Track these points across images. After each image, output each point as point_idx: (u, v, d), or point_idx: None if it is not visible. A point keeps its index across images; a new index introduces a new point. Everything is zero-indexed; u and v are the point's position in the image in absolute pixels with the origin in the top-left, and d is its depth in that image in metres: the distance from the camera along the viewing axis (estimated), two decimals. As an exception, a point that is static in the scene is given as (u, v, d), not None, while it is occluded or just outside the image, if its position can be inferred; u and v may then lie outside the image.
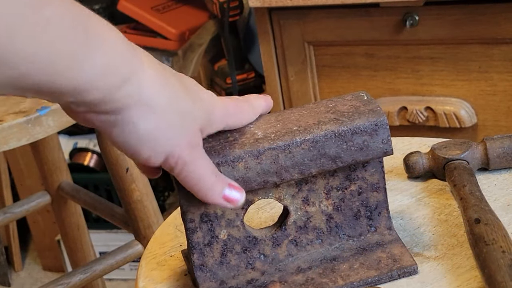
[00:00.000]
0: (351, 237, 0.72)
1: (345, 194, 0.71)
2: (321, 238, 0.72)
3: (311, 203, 0.71)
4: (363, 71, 1.62)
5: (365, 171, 0.71)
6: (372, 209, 0.72)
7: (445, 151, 0.81)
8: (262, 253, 0.71)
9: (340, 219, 0.72)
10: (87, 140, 2.33)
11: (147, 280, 0.74)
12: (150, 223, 1.45)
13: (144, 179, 1.44)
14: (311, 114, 0.69)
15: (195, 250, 0.69)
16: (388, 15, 1.53)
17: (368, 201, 0.72)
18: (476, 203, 0.72)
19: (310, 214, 0.71)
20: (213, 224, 0.69)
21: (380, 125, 0.68)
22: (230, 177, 0.65)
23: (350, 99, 0.71)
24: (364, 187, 0.71)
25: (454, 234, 0.74)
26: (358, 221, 0.72)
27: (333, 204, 0.71)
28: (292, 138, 0.67)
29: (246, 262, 0.70)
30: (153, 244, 0.79)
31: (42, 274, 2.43)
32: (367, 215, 0.72)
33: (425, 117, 1.57)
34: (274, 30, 1.63)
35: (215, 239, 0.69)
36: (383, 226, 0.72)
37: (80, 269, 1.44)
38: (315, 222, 0.71)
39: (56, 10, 0.52)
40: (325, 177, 0.70)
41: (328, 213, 0.71)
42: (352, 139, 0.67)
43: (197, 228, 0.68)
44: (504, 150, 0.80)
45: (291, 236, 0.71)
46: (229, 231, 0.69)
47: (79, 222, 1.74)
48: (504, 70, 1.50)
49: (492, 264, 0.64)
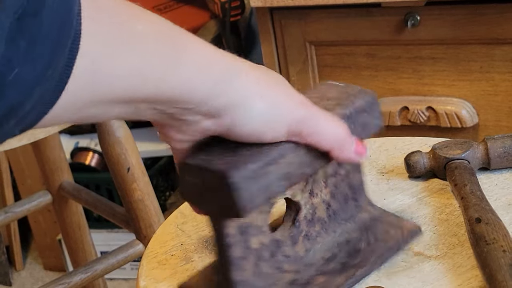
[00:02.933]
0: (345, 221, 0.73)
1: (337, 180, 0.72)
2: (325, 228, 0.72)
3: (315, 195, 0.71)
4: (365, 71, 1.62)
5: None
6: (356, 190, 0.74)
7: (446, 150, 0.81)
8: (285, 255, 0.69)
9: (336, 205, 0.73)
10: (88, 139, 2.33)
11: (148, 279, 0.74)
12: (151, 222, 1.46)
13: (145, 179, 1.44)
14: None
15: (234, 266, 0.65)
16: (389, 15, 1.53)
17: (352, 182, 0.73)
18: (477, 202, 0.72)
19: (315, 206, 0.71)
20: (247, 235, 0.66)
21: (374, 102, 0.69)
22: (277, 175, 0.63)
23: (329, 87, 0.71)
24: (350, 169, 0.73)
25: (455, 233, 0.74)
26: (347, 204, 0.73)
27: (330, 192, 0.72)
28: None
29: (275, 267, 0.68)
30: (154, 243, 0.79)
31: (43, 274, 2.43)
32: (353, 196, 0.73)
33: (426, 117, 1.57)
34: (275, 30, 1.63)
35: (248, 250, 0.66)
36: (366, 203, 0.74)
37: (81, 268, 1.44)
38: (319, 213, 0.72)
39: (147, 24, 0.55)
40: (323, 166, 0.69)
41: (327, 201, 0.72)
42: (357, 119, 0.68)
43: (234, 242, 0.65)
44: (505, 150, 0.80)
45: (304, 231, 0.71)
46: (259, 239, 0.67)
47: (80, 222, 1.74)
48: (506, 70, 1.50)
49: (492, 263, 0.64)
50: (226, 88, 0.58)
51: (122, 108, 0.55)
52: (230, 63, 0.60)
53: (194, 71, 0.57)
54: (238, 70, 0.60)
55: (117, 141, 1.39)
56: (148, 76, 0.54)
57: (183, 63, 0.56)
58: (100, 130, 1.39)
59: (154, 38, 0.55)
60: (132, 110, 0.56)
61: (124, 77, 0.53)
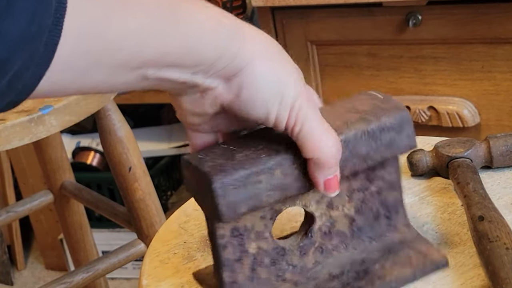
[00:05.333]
0: (372, 239, 0.70)
1: (365, 195, 0.69)
2: (345, 243, 0.70)
3: (334, 207, 0.69)
4: (366, 70, 1.62)
5: (384, 170, 0.69)
6: (390, 208, 0.70)
7: (448, 149, 0.81)
8: (291, 264, 0.68)
9: (362, 221, 0.70)
10: (89, 139, 2.33)
11: (150, 278, 0.74)
12: (152, 222, 1.46)
13: (146, 178, 1.44)
14: (336, 115, 0.67)
15: (226, 267, 0.66)
16: (391, 14, 1.53)
17: (386, 200, 0.70)
18: (479, 200, 0.72)
19: (334, 219, 0.69)
20: (243, 238, 0.66)
21: (405, 120, 0.66)
22: (268, 185, 0.63)
23: (365, 98, 0.69)
24: (383, 186, 0.70)
25: (457, 232, 0.74)
26: (378, 221, 0.70)
27: (355, 206, 0.69)
28: None
29: (276, 275, 0.68)
30: (157, 242, 0.79)
31: (45, 273, 2.43)
32: (386, 215, 0.70)
33: (428, 116, 1.57)
34: (277, 29, 1.63)
35: (244, 253, 0.66)
36: (401, 224, 0.71)
37: (82, 268, 1.44)
38: (339, 227, 0.69)
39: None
40: (348, 179, 0.68)
41: (351, 216, 0.69)
42: (381, 136, 0.66)
43: (228, 243, 0.65)
44: (507, 148, 0.80)
45: (317, 243, 0.69)
46: (258, 244, 0.67)
47: (82, 221, 1.74)
48: (507, 70, 1.50)
49: (496, 261, 0.64)
50: (236, 49, 0.58)
51: (127, 75, 0.54)
52: (237, 25, 0.59)
53: (201, 31, 0.56)
54: (246, 33, 0.60)
55: (118, 140, 1.39)
56: (151, 35, 0.53)
57: (189, 22, 0.56)
58: (101, 129, 1.39)
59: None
60: (138, 78, 0.55)
61: (124, 37, 0.52)
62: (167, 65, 0.56)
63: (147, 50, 0.54)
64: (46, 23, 0.47)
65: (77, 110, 1.20)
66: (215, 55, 0.57)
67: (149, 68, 0.55)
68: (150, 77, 0.56)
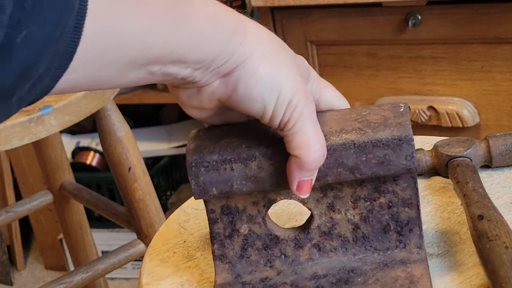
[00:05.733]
0: (377, 250, 0.69)
1: (373, 206, 0.68)
2: (346, 247, 0.69)
3: (336, 210, 0.68)
4: (366, 70, 1.62)
5: (396, 185, 0.67)
6: (403, 225, 0.69)
7: (448, 148, 0.81)
8: (283, 253, 0.69)
9: (368, 230, 0.69)
10: (89, 139, 2.34)
11: (151, 277, 0.74)
12: (152, 222, 1.46)
13: (146, 178, 1.44)
14: (340, 120, 0.67)
15: (216, 240, 0.69)
16: (390, 14, 1.53)
17: (398, 215, 0.68)
18: (479, 199, 0.72)
19: (335, 221, 0.69)
20: (234, 218, 0.68)
21: (404, 140, 0.64)
22: (243, 175, 0.65)
23: (385, 109, 0.68)
24: (395, 201, 0.68)
25: (457, 231, 0.74)
26: (387, 234, 0.69)
27: (360, 214, 0.68)
28: None
29: (266, 260, 0.69)
30: (157, 240, 0.79)
31: (44, 273, 2.43)
32: (397, 230, 0.69)
33: (427, 116, 1.58)
34: (276, 29, 1.64)
35: (236, 232, 0.69)
36: (413, 243, 0.69)
37: (82, 268, 1.44)
38: (340, 230, 0.69)
39: None
40: (352, 186, 0.67)
41: (355, 223, 0.69)
42: (373, 151, 0.64)
43: (218, 219, 0.68)
44: (507, 148, 0.80)
45: (314, 240, 0.69)
46: (250, 227, 0.69)
47: (82, 221, 1.75)
48: (507, 70, 1.51)
49: (495, 259, 0.64)
50: (236, 45, 0.58)
51: (135, 72, 0.55)
52: (240, 20, 0.60)
53: (204, 27, 0.57)
54: (248, 28, 0.60)
55: (118, 140, 1.39)
56: (158, 34, 0.54)
57: (193, 19, 0.56)
58: (101, 129, 1.40)
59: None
60: (145, 75, 0.56)
61: (135, 37, 0.53)
62: (172, 61, 0.57)
63: (156, 47, 0.55)
64: (69, 26, 0.48)
65: (77, 110, 1.20)
66: (217, 50, 0.58)
67: (156, 65, 0.56)
68: (156, 73, 0.57)
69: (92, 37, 0.50)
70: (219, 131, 0.68)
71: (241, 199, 0.68)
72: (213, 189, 0.66)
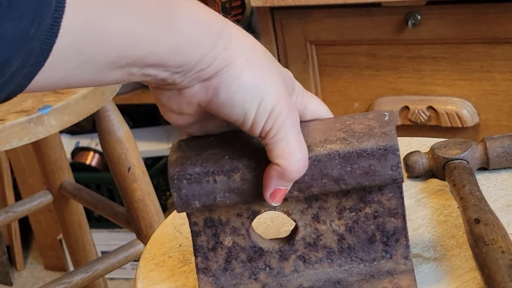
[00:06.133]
0: (363, 261, 0.68)
1: (359, 216, 0.67)
2: (331, 258, 0.69)
3: (321, 221, 0.68)
4: (365, 70, 1.61)
5: (382, 195, 0.67)
6: (389, 235, 0.68)
7: (444, 150, 0.81)
8: (268, 265, 0.69)
9: (353, 241, 0.68)
10: (89, 139, 2.33)
11: (146, 281, 0.73)
12: (151, 222, 1.46)
13: (145, 178, 1.44)
14: (324, 130, 0.66)
15: (199, 253, 0.68)
16: (390, 14, 1.53)
17: (384, 226, 0.68)
18: (476, 203, 0.72)
19: (320, 232, 0.68)
20: (218, 230, 0.67)
21: (390, 150, 0.63)
22: (226, 187, 0.64)
23: (370, 117, 0.67)
24: (381, 211, 0.67)
25: (453, 235, 0.73)
26: (373, 245, 0.68)
27: (346, 224, 0.68)
28: None
29: (251, 272, 0.68)
30: (152, 245, 0.79)
31: (44, 273, 2.43)
32: (383, 240, 0.68)
33: (427, 116, 1.57)
34: (276, 29, 1.63)
35: (219, 244, 0.68)
36: (399, 254, 0.68)
37: (81, 268, 1.44)
38: (326, 241, 0.68)
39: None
40: (337, 196, 0.67)
41: (340, 233, 0.68)
42: (357, 162, 0.63)
43: (201, 232, 0.67)
44: (504, 150, 0.80)
45: (299, 251, 0.68)
46: (234, 239, 0.68)
47: (81, 221, 1.74)
48: (506, 70, 1.50)
49: (491, 264, 0.63)
50: (220, 50, 0.58)
51: (115, 72, 0.54)
52: (225, 25, 0.59)
53: (189, 31, 0.56)
54: (233, 33, 0.59)
55: (117, 140, 1.39)
56: (141, 36, 0.53)
57: (177, 22, 0.56)
58: (100, 129, 1.39)
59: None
60: (125, 75, 0.55)
61: (115, 38, 0.52)
62: (152, 65, 0.56)
63: (136, 50, 0.54)
64: (45, 23, 0.47)
65: (76, 110, 1.20)
66: (200, 54, 0.57)
67: (135, 67, 0.55)
68: (135, 74, 0.56)
69: (69, 36, 0.49)
70: (201, 142, 0.67)
71: (224, 211, 0.66)
72: (196, 202, 0.64)
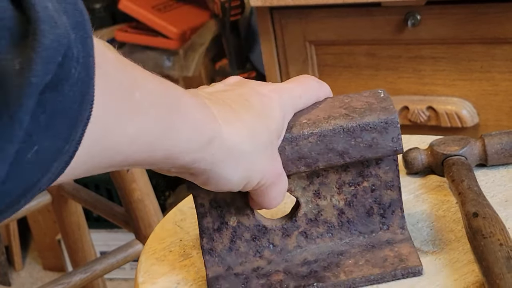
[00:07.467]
0: (362, 234, 0.71)
1: (357, 190, 0.70)
2: (332, 232, 0.71)
3: (322, 197, 0.70)
4: (365, 70, 1.62)
5: (379, 168, 0.70)
6: (386, 207, 0.71)
7: (443, 147, 0.81)
8: (272, 243, 0.71)
9: (352, 214, 0.71)
10: (88, 139, 2.33)
11: (147, 275, 0.74)
12: (150, 222, 1.46)
13: (144, 179, 1.44)
14: (325, 108, 0.69)
15: (205, 234, 0.70)
16: (389, 14, 1.53)
17: (381, 198, 0.71)
18: (474, 197, 0.72)
19: (321, 208, 0.70)
20: (223, 211, 0.69)
21: (390, 123, 0.67)
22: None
23: (366, 95, 0.70)
24: (378, 184, 0.70)
25: (452, 229, 0.74)
26: (371, 218, 0.71)
27: (345, 199, 0.70)
28: (300, 131, 0.66)
29: (255, 250, 0.71)
30: (153, 239, 0.79)
31: (43, 274, 2.43)
32: (380, 212, 0.71)
33: (426, 116, 1.57)
34: (275, 29, 1.64)
35: (224, 225, 0.70)
36: (396, 224, 0.71)
37: (80, 268, 1.44)
38: (326, 216, 0.71)
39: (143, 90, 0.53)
40: (337, 171, 0.69)
41: (340, 208, 0.71)
42: (361, 135, 0.66)
43: (207, 213, 0.69)
44: (502, 146, 0.80)
45: (301, 228, 0.71)
46: (239, 219, 0.70)
47: (80, 222, 1.74)
48: (506, 70, 1.50)
49: (489, 256, 0.64)
50: (207, 155, 0.59)
51: (111, 168, 0.55)
52: (217, 128, 0.60)
53: (187, 137, 0.58)
54: (225, 133, 0.60)
55: (116, 140, 1.39)
56: (142, 142, 0.54)
57: (179, 128, 0.57)
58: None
59: (149, 105, 0.54)
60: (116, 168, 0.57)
61: (123, 143, 0.52)
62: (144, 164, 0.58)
63: (136, 156, 0.55)
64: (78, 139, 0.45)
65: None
66: (189, 161, 0.59)
67: (130, 165, 0.57)
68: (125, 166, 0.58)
69: (88, 144, 0.47)
70: None
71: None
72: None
